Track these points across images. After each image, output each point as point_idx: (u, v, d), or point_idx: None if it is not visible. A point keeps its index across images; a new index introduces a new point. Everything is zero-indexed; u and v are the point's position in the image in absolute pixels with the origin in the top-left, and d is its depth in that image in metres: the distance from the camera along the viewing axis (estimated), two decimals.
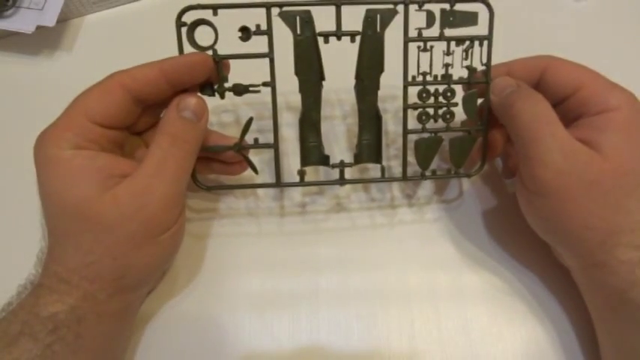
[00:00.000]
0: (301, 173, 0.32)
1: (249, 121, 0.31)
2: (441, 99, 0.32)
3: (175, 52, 0.30)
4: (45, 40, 0.41)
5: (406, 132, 0.32)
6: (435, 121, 0.32)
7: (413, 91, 0.31)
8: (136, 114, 0.29)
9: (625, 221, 0.26)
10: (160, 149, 0.27)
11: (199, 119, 0.29)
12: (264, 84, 0.30)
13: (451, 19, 0.30)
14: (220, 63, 0.30)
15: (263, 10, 0.30)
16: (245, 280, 0.33)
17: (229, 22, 0.29)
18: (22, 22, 0.38)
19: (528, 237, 0.34)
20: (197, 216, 0.35)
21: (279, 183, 0.32)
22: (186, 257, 0.33)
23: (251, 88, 0.31)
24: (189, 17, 0.30)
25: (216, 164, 0.33)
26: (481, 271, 0.33)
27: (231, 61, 0.31)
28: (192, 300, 0.32)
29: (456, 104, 0.32)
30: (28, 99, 0.39)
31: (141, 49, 0.31)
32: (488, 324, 0.32)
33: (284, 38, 0.30)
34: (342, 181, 0.33)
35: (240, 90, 0.30)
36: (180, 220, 0.29)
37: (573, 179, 0.27)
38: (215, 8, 0.29)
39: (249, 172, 0.33)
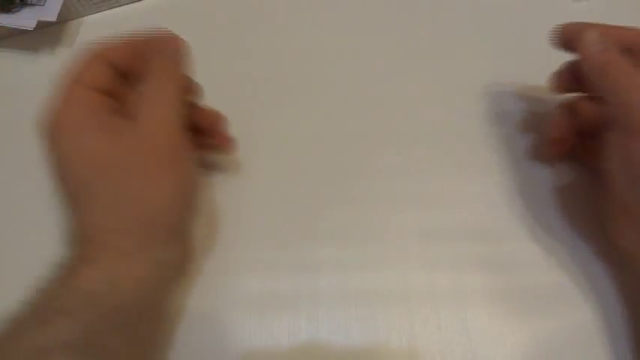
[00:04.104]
0: None
1: None
2: None
3: None
4: (46, 41, 0.41)
5: None
6: None
7: None
8: (121, 83, 0.30)
9: None
10: (149, 87, 0.28)
11: (177, 53, 0.30)
12: None
13: None
14: None
15: None
16: (245, 279, 0.33)
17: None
18: (23, 18, 0.38)
19: (528, 237, 0.34)
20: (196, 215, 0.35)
21: None
22: None
23: None
24: None
25: (206, 138, 0.33)
26: (481, 271, 0.33)
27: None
28: (191, 299, 0.32)
29: None
30: (28, 100, 0.39)
31: None
32: (488, 324, 0.32)
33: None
34: None
35: None
36: (184, 155, 0.29)
37: None
38: None
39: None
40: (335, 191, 0.36)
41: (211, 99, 0.34)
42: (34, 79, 0.40)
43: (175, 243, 0.29)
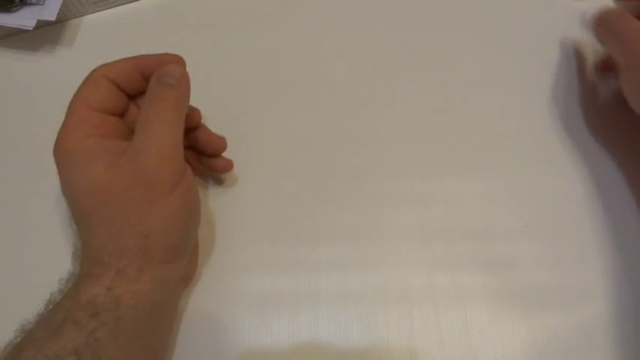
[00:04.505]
0: None
1: None
2: None
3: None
4: (46, 40, 0.41)
5: None
6: None
7: None
8: (125, 101, 0.32)
9: None
10: (143, 113, 0.29)
11: (179, 82, 0.30)
12: None
13: None
14: None
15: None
16: (245, 279, 0.33)
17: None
18: (23, 17, 0.38)
19: (527, 237, 0.34)
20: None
21: None
22: None
23: None
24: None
25: (206, 159, 0.34)
26: (480, 271, 0.33)
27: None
28: (191, 299, 0.32)
29: None
30: (28, 99, 0.39)
31: (140, 48, 0.32)
32: (488, 324, 0.32)
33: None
34: None
35: None
36: (185, 181, 0.29)
37: None
38: None
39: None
40: (335, 191, 0.36)
41: (210, 99, 0.34)
42: (34, 78, 0.40)
43: (175, 261, 0.29)
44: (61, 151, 0.28)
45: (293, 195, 0.36)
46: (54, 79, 0.40)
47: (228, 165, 0.35)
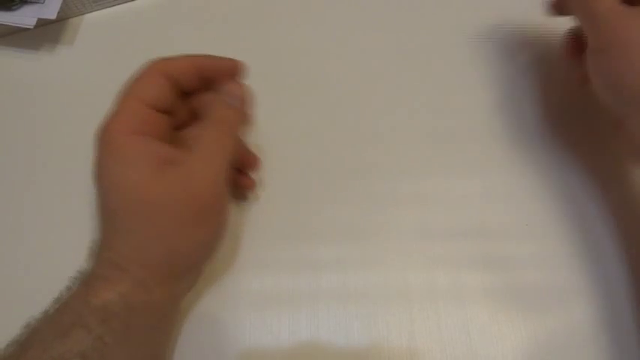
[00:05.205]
0: None
1: None
2: None
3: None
4: (46, 39, 0.41)
5: None
6: None
7: None
8: (176, 99, 0.30)
9: None
10: (207, 134, 0.28)
11: (243, 105, 0.30)
12: None
13: None
14: None
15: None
16: (245, 278, 0.33)
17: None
18: (23, 15, 0.38)
19: (528, 236, 0.34)
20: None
21: None
22: None
23: None
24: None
25: (232, 171, 0.33)
26: (481, 270, 0.33)
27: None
28: (191, 298, 0.32)
29: None
30: (28, 98, 0.39)
31: (141, 47, 0.32)
32: (489, 323, 0.32)
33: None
34: None
35: None
36: (224, 212, 0.29)
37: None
38: None
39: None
40: (335, 190, 0.36)
41: None
42: (35, 77, 0.40)
43: (191, 275, 0.30)
44: (105, 140, 0.27)
45: (294, 194, 0.36)
46: (54, 77, 0.40)
47: (252, 185, 0.35)
